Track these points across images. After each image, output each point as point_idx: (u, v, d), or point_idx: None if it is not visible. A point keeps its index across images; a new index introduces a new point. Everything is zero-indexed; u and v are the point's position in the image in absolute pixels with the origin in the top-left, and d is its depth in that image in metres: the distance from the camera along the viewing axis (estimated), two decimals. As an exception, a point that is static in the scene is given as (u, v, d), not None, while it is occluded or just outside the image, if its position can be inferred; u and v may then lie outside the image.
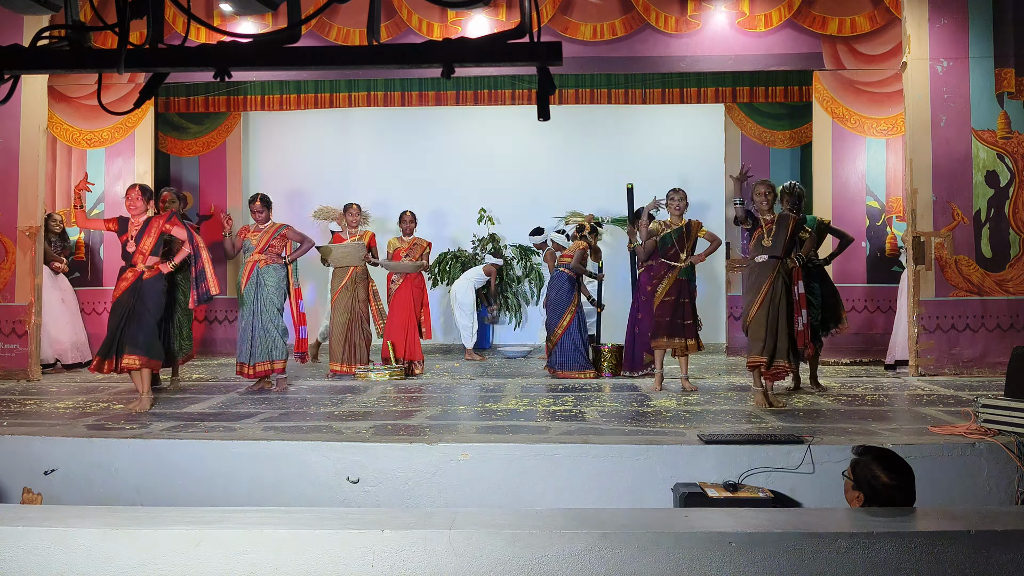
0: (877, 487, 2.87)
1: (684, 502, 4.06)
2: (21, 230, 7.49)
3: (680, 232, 6.62)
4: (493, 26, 8.02)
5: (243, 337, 6.66)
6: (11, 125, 7.52)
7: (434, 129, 10.49)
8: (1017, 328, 7.34)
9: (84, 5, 3.60)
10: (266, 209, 6.84)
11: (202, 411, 5.78)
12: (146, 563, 2.29)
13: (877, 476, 2.88)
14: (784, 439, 4.55)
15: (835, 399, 6.15)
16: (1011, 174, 7.44)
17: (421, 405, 6.03)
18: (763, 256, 5.77)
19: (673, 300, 6.57)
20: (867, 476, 2.90)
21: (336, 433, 4.91)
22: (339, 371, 7.50)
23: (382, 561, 2.26)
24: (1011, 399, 4.56)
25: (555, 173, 10.36)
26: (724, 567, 2.26)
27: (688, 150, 10.16)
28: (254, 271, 6.68)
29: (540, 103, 2.28)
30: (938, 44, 7.45)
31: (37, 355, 7.45)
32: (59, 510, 2.68)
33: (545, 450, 4.51)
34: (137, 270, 5.75)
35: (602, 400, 6.21)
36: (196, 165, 9.66)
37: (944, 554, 2.29)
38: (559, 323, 7.49)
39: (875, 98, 8.36)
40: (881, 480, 2.87)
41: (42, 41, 2.35)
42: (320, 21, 8.15)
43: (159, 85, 2.43)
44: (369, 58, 2.28)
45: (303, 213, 9.94)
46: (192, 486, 4.57)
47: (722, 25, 8.15)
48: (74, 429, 5.07)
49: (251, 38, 2.32)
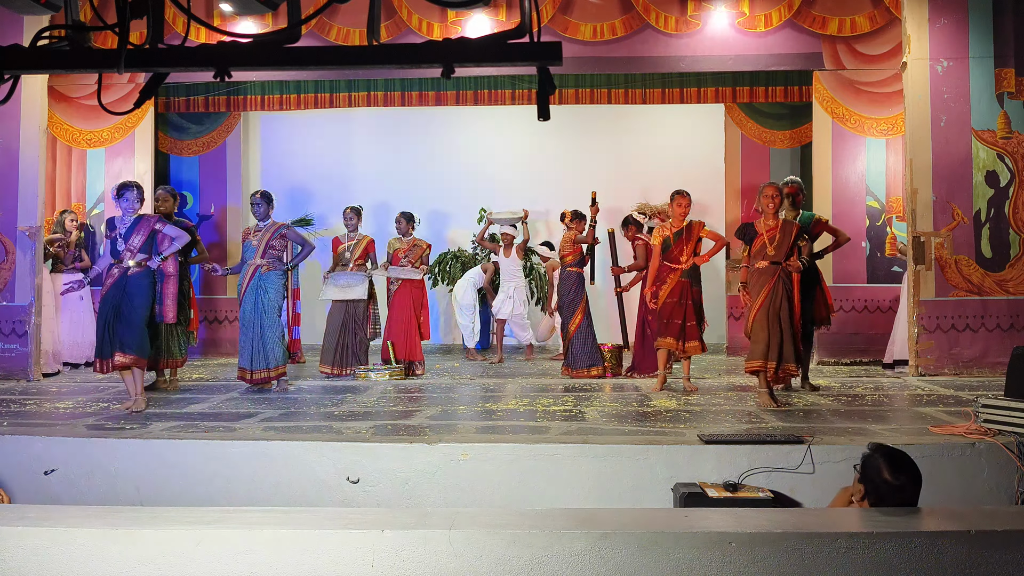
0: (878, 483, 2.89)
1: (684, 502, 4.06)
2: (21, 230, 7.50)
3: (681, 233, 6.62)
4: (493, 26, 8.02)
5: (243, 342, 6.65)
6: (11, 125, 7.52)
7: (434, 129, 10.49)
8: (1017, 328, 7.34)
9: (84, 5, 3.60)
10: (265, 204, 6.80)
11: (202, 411, 5.78)
12: (146, 563, 2.29)
13: (880, 472, 2.90)
14: (784, 439, 4.55)
15: (835, 399, 6.14)
16: (1011, 174, 7.44)
17: (421, 405, 6.03)
18: (764, 262, 5.79)
19: (676, 301, 6.57)
20: (872, 471, 2.92)
21: (336, 433, 4.91)
22: (328, 373, 7.49)
23: (382, 561, 2.26)
24: (1011, 399, 4.56)
25: (555, 173, 10.36)
26: (724, 567, 2.26)
27: (688, 150, 10.16)
28: (255, 276, 6.67)
29: (540, 103, 2.28)
30: (938, 44, 7.45)
31: (37, 355, 7.44)
32: (59, 510, 2.68)
33: (545, 450, 4.51)
34: (123, 266, 5.76)
35: (602, 400, 6.20)
36: (196, 165, 9.65)
37: (944, 554, 2.29)
38: (571, 322, 7.54)
39: (875, 98, 8.35)
40: (883, 477, 2.88)
41: (42, 41, 2.35)
42: (320, 21, 8.15)
43: (159, 85, 2.43)
44: (369, 58, 2.29)
45: (303, 213, 9.95)
46: (192, 486, 4.57)
47: (722, 25, 8.15)
48: (74, 429, 5.07)
49: (251, 38, 2.32)
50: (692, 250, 6.62)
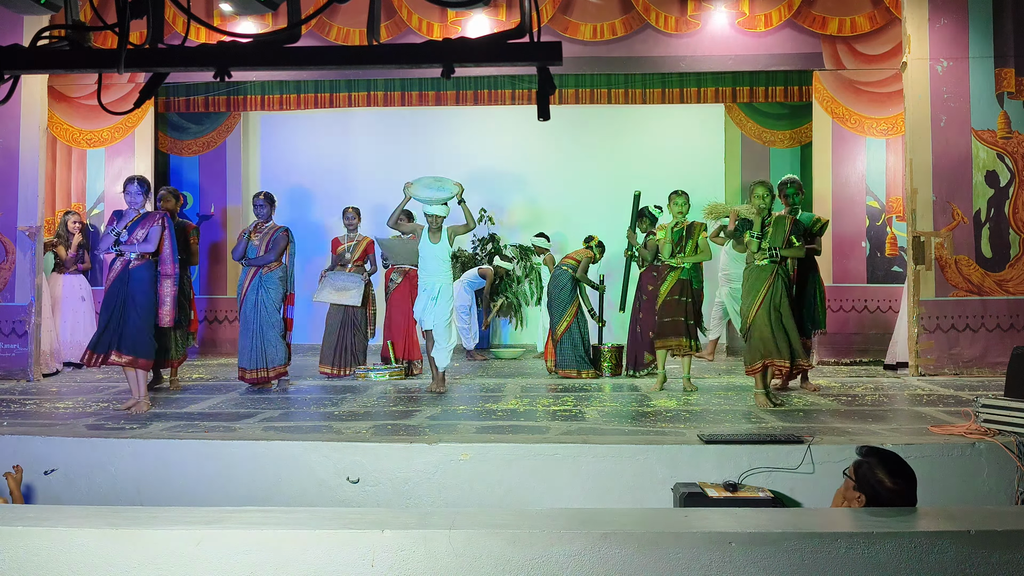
0: (880, 491, 2.85)
1: (684, 502, 4.06)
2: (21, 230, 7.50)
3: (682, 233, 6.62)
4: (493, 26, 8.02)
5: (244, 342, 6.66)
6: (11, 125, 7.52)
7: (434, 129, 10.48)
8: (1017, 328, 7.34)
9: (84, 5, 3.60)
10: (268, 205, 6.83)
11: (202, 411, 5.78)
12: (146, 563, 2.28)
13: (881, 480, 2.85)
14: (784, 439, 4.55)
15: (835, 399, 6.14)
16: (1011, 174, 7.44)
17: (421, 405, 6.03)
18: (764, 260, 5.77)
19: (675, 300, 6.57)
20: (871, 479, 2.88)
21: (336, 433, 4.91)
22: (327, 373, 7.49)
23: (382, 561, 2.26)
24: (1011, 399, 4.56)
25: (555, 173, 10.36)
26: (724, 567, 2.26)
27: (688, 150, 10.16)
28: (256, 275, 6.67)
29: (540, 103, 2.28)
30: (938, 44, 7.45)
31: (37, 355, 7.44)
32: (59, 510, 2.68)
33: (545, 450, 4.51)
34: (125, 259, 5.76)
35: (602, 400, 6.21)
36: (196, 165, 9.66)
37: (944, 554, 2.28)
38: (560, 322, 7.49)
39: (875, 98, 8.36)
40: (885, 484, 2.85)
41: (42, 41, 2.35)
42: (320, 21, 8.15)
43: (159, 85, 2.43)
44: (369, 58, 2.29)
45: (303, 213, 9.96)
46: (192, 486, 4.57)
47: (722, 25, 8.15)
48: (74, 429, 5.07)
49: (251, 38, 2.32)
50: (693, 250, 6.62)
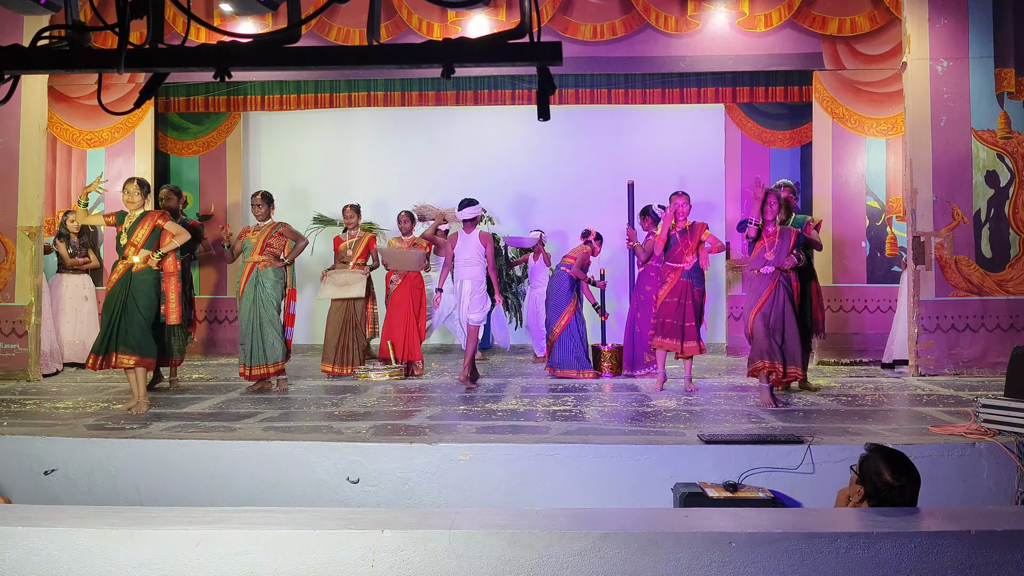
0: (879, 485, 2.87)
1: (684, 502, 4.06)
2: (21, 230, 7.50)
3: (684, 232, 6.62)
4: (493, 26, 8.02)
5: (243, 339, 6.66)
6: (11, 125, 7.52)
7: (434, 129, 10.49)
8: (1017, 328, 7.34)
9: (84, 5, 3.60)
10: (266, 205, 6.83)
11: (202, 411, 5.78)
12: (146, 563, 2.28)
13: (881, 474, 2.88)
14: (784, 439, 4.55)
15: (835, 399, 6.14)
16: (1011, 174, 7.44)
17: (421, 405, 6.03)
18: (769, 268, 5.81)
19: (676, 301, 6.57)
20: (872, 473, 2.90)
21: (336, 433, 4.91)
22: (330, 372, 7.50)
23: (382, 561, 2.26)
24: (1011, 399, 4.56)
25: (555, 173, 10.36)
26: (724, 567, 2.26)
27: (688, 150, 10.16)
28: (253, 272, 6.67)
29: (540, 103, 2.28)
30: (938, 44, 7.45)
31: (37, 355, 7.44)
32: (59, 510, 2.68)
33: (545, 450, 4.51)
34: (128, 262, 5.76)
35: (602, 400, 6.21)
36: (196, 165, 9.65)
37: (944, 554, 2.28)
38: (558, 321, 7.50)
39: (875, 98, 8.36)
40: (884, 479, 2.87)
41: (42, 41, 2.35)
42: (320, 21, 8.15)
43: (159, 85, 2.43)
44: (369, 58, 2.28)
45: (303, 213, 9.95)
46: (192, 486, 4.57)
47: (722, 25, 8.15)
48: (74, 429, 5.06)
49: (251, 38, 2.32)
50: (694, 251, 6.62)
